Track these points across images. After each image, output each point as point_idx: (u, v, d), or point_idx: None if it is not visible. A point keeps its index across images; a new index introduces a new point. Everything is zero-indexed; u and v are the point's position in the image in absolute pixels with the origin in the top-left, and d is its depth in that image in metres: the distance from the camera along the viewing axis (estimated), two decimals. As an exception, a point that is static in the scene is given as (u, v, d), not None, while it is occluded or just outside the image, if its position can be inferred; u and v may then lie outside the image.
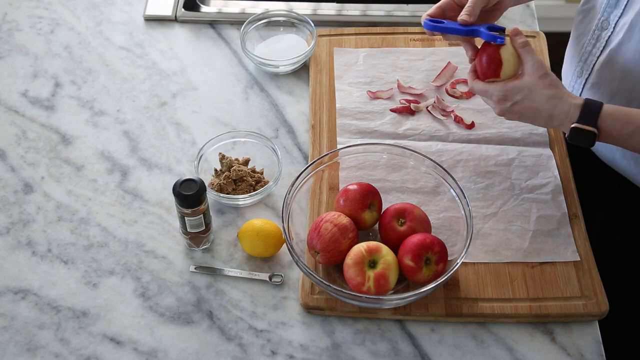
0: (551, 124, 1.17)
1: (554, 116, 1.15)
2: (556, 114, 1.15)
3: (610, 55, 1.24)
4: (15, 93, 1.47)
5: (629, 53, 1.20)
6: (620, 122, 1.12)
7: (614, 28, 1.23)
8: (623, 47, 1.21)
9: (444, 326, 1.18)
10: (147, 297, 1.21)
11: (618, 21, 1.22)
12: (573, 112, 1.13)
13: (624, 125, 1.12)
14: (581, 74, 1.31)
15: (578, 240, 1.25)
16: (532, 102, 1.15)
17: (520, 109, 1.17)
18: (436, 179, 1.26)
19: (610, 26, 1.24)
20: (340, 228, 1.18)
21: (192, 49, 1.56)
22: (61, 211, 1.31)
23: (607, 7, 1.24)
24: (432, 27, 1.22)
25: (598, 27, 1.26)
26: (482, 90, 1.19)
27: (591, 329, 1.18)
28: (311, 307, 1.18)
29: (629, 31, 1.19)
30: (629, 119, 1.12)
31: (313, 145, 1.37)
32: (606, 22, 1.24)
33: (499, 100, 1.17)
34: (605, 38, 1.25)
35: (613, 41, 1.23)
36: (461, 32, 1.21)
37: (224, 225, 1.29)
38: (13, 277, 1.23)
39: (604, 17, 1.24)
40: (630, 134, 1.12)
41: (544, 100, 1.14)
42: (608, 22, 1.24)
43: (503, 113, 1.19)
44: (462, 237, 1.18)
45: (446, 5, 1.24)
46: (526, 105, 1.16)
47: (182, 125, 1.43)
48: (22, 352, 1.15)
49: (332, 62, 1.50)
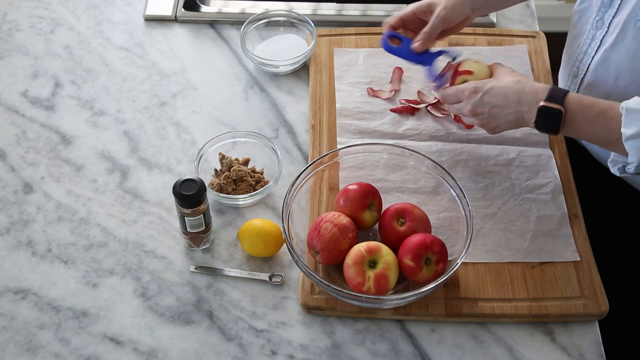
0: (520, 110, 1.18)
1: (522, 100, 1.18)
2: (524, 96, 1.18)
3: (604, 55, 1.24)
4: (15, 93, 1.47)
5: (623, 52, 1.20)
6: (586, 105, 1.14)
7: (608, 28, 1.23)
8: (617, 47, 1.21)
9: (444, 326, 1.18)
10: (147, 297, 1.21)
11: (612, 21, 1.22)
12: (541, 93, 1.16)
13: (590, 109, 1.14)
14: (577, 74, 1.32)
15: (578, 240, 1.25)
16: (500, 89, 1.20)
17: (490, 97, 1.20)
18: (436, 179, 1.26)
19: (605, 26, 1.24)
20: (340, 228, 1.18)
21: (192, 49, 1.56)
22: (61, 211, 1.31)
23: (602, 6, 1.24)
24: (387, 49, 1.31)
25: (593, 26, 1.26)
26: (453, 91, 1.25)
27: (591, 329, 1.18)
28: (311, 307, 1.18)
29: (622, 31, 1.20)
30: (596, 103, 1.14)
31: (313, 145, 1.37)
32: (601, 21, 1.25)
33: (470, 93, 1.22)
34: (600, 38, 1.25)
35: (607, 41, 1.23)
36: (411, 61, 1.30)
37: (224, 225, 1.29)
38: (13, 277, 1.23)
39: (598, 16, 1.25)
40: (596, 117, 1.13)
41: (512, 83, 1.19)
42: (602, 22, 1.24)
43: (475, 107, 1.22)
44: (462, 237, 1.18)
45: (407, 17, 1.32)
46: (495, 92, 1.20)
47: (182, 125, 1.43)
48: (22, 352, 1.15)
49: (332, 62, 1.50)
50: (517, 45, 1.52)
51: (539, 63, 1.50)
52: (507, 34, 1.55)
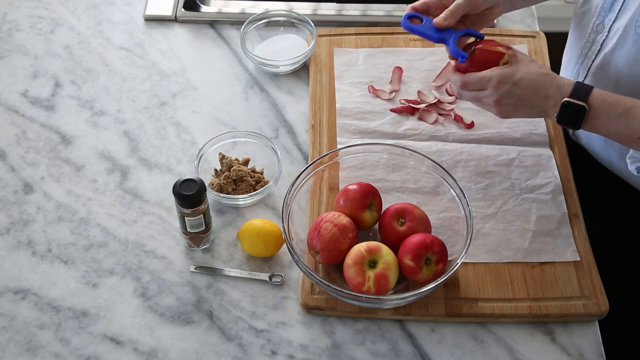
0: (545, 104, 1.16)
1: (549, 94, 1.15)
2: (551, 90, 1.15)
3: (605, 59, 1.24)
4: (15, 93, 1.47)
5: (623, 58, 1.20)
6: (610, 103, 1.13)
7: (609, 32, 1.23)
8: (617, 52, 1.21)
9: (444, 326, 1.18)
10: (147, 297, 1.21)
11: (612, 25, 1.22)
12: (567, 88, 1.14)
13: (613, 107, 1.13)
14: (577, 77, 1.32)
15: (578, 240, 1.25)
16: (531, 81, 1.16)
17: (520, 89, 1.16)
18: (436, 179, 1.26)
19: (605, 30, 1.24)
20: (340, 228, 1.18)
21: (192, 49, 1.56)
22: (61, 211, 1.31)
23: (602, 10, 1.24)
24: (407, 28, 1.24)
25: (593, 30, 1.26)
26: (478, 79, 1.18)
27: (591, 329, 1.18)
28: (311, 307, 1.18)
29: (623, 36, 1.19)
30: (619, 101, 1.13)
31: (313, 145, 1.37)
32: (601, 25, 1.24)
33: (498, 82, 1.16)
34: (600, 42, 1.25)
35: (608, 45, 1.23)
36: (432, 39, 1.23)
37: (224, 225, 1.29)
38: (13, 277, 1.23)
39: (598, 20, 1.25)
40: (619, 116, 1.12)
41: (542, 76, 1.16)
42: (603, 26, 1.24)
43: (501, 98, 1.17)
44: (462, 237, 1.18)
45: (432, 3, 1.24)
46: (525, 83, 1.16)
47: (182, 125, 1.43)
48: (22, 352, 1.15)
49: (332, 62, 1.50)
50: (517, 45, 1.52)
51: (539, 63, 1.49)
52: (507, 34, 1.55)
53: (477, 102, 1.21)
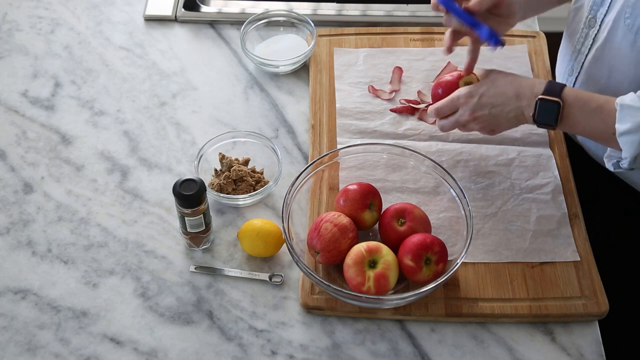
0: (520, 105, 1.19)
1: (521, 95, 1.18)
2: (523, 91, 1.18)
3: (597, 53, 1.25)
4: (15, 93, 1.47)
5: (614, 50, 1.21)
6: (583, 99, 1.15)
7: (600, 26, 1.24)
8: (608, 45, 1.22)
9: (444, 326, 1.18)
10: (147, 297, 1.21)
11: (604, 19, 1.23)
12: (538, 87, 1.17)
13: (586, 102, 1.15)
14: (572, 73, 1.33)
15: (578, 240, 1.25)
16: (497, 88, 1.20)
17: (488, 98, 1.20)
18: (436, 179, 1.26)
19: (597, 24, 1.24)
20: (340, 228, 1.18)
21: (192, 49, 1.56)
22: (61, 211, 1.31)
23: (594, 5, 1.25)
24: (443, 2, 1.23)
25: (586, 25, 1.27)
26: (448, 101, 1.24)
27: (591, 329, 1.18)
28: (311, 307, 1.18)
29: (613, 28, 1.20)
30: (592, 97, 1.15)
31: (313, 145, 1.37)
32: (593, 19, 1.25)
33: (466, 97, 1.22)
34: (592, 36, 1.26)
35: (600, 39, 1.24)
36: (465, 20, 1.23)
37: (224, 225, 1.29)
38: (13, 277, 1.23)
39: (591, 15, 1.25)
40: (593, 111, 1.14)
41: (508, 84, 1.20)
42: (595, 20, 1.25)
43: (474, 111, 1.21)
44: (462, 237, 1.18)
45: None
46: (492, 92, 1.20)
47: (182, 125, 1.43)
48: (22, 352, 1.15)
49: (332, 62, 1.50)
50: (517, 45, 1.53)
51: (539, 63, 1.50)
52: (507, 34, 1.54)
53: (458, 126, 1.26)
